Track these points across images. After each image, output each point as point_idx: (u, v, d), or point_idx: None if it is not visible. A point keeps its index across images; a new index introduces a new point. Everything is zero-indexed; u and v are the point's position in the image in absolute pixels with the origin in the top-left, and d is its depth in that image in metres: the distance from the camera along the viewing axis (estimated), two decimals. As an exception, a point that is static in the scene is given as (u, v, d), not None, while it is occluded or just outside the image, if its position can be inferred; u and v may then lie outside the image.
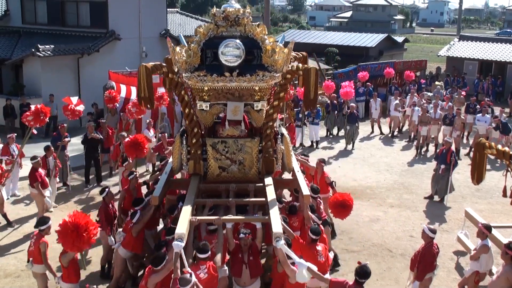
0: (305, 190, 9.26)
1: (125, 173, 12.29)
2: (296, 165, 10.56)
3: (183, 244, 7.01)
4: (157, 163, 13.91)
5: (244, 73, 9.02)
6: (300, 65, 9.58)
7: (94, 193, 14.93)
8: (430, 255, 8.74)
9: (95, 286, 7.54)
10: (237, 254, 8.02)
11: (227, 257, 8.34)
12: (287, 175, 11.30)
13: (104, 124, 16.23)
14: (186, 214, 7.90)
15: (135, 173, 11.37)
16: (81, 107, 14.09)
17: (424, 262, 8.76)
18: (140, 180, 11.72)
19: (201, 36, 9.19)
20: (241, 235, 8.01)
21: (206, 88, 9.10)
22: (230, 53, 8.97)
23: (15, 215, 13.18)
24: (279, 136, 9.91)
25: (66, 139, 14.97)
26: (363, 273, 7.11)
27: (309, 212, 9.28)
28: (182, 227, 7.41)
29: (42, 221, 8.94)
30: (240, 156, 9.51)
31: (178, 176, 11.13)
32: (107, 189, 10.46)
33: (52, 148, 13.70)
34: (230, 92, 9.24)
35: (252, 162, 9.58)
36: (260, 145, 9.66)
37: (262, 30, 9.37)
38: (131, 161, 12.83)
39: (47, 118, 13.33)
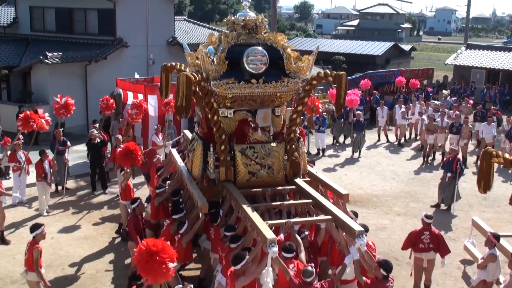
0: (342, 190, 9.50)
1: (122, 183, 12.11)
2: (311, 168, 10.74)
3: (277, 249, 7.20)
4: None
5: (269, 80, 9.34)
6: (328, 71, 9.76)
7: (100, 200, 14.99)
8: (415, 235, 9.78)
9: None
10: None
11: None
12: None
13: (99, 129, 16.33)
14: (258, 219, 8.01)
15: (165, 187, 10.96)
16: (71, 100, 14.56)
17: (407, 237, 10.00)
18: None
19: (226, 44, 9.45)
20: (304, 235, 8.48)
21: (230, 95, 9.34)
22: (256, 60, 9.33)
23: (21, 221, 13.26)
24: (301, 139, 10.21)
25: (68, 143, 15.36)
26: (388, 267, 7.48)
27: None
28: (269, 232, 7.49)
29: (35, 226, 8.73)
30: (269, 161, 9.68)
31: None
32: (138, 200, 10.39)
33: (47, 152, 14.03)
34: (253, 99, 9.55)
35: (280, 166, 9.77)
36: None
37: (283, 38, 9.79)
38: (128, 170, 12.49)
39: (36, 125, 13.50)
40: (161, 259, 6.40)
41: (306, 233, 8.69)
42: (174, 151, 12.29)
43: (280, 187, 9.64)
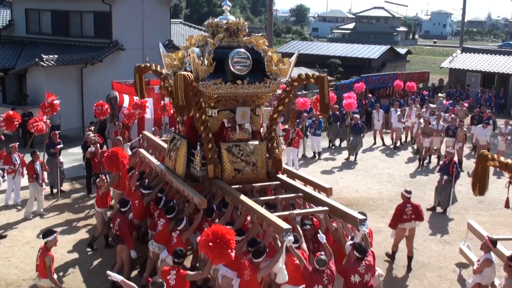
0: (325, 184, 10.26)
1: (100, 190, 11.96)
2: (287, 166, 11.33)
3: (292, 238, 7.74)
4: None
5: (252, 81, 9.88)
6: (311, 73, 10.23)
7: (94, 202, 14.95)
8: (401, 208, 11.14)
9: None
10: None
11: None
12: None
13: (94, 132, 16.33)
14: (266, 212, 8.58)
15: (152, 187, 11.08)
16: (57, 101, 14.75)
17: (395, 213, 11.25)
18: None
19: (212, 46, 9.87)
20: (307, 226, 8.93)
21: (215, 95, 9.79)
22: (241, 62, 9.84)
23: (15, 224, 13.21)
24: (280, 138, 10.80)
25: (58, 146, 15.31)
26: (362, 250, 8.14)
27: None
28: (283, 223, 8.01)
29: (48, 232, 8.79)
30: (253, 158, 10.14)
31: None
32: (129, 204, 10.48)
33: (38, 154, 13.99)
34: (236, 99, 10.05)
35: (263, 163, 10.26)
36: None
37: (265, 41, 10.23)
38: (103, 177, 12.40)
39: (18, 123, 13.87)
40: (225, 242, 7.20)
41: (308, 226, 9.00)
42: (144, 152, 12.58)
43: (267, 183, 10.11)
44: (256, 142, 10.30)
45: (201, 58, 9.78)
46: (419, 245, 12.43)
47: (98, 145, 14.84)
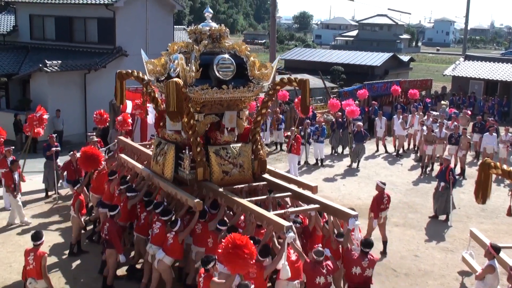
0: (310, 183, 10.64)
1: (75, 204, 11.81)
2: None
3: (293, 235, 8.05)
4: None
5: (237, 85, 10.19)
6: (293, 77, 10.64)
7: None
8: (379, 199, 12.01)
9: None
10: None
11: None
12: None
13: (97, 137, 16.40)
14: (264, 211, 8.89)
15: (137, 190, 11.31)
16: (45, 116, 14.87)
17: (375, 204, 12.02)
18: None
19: (197, 52, 10.11)
20: (297, 224, 9.20)
21: (201, 100, 10.05)
22: (225, 68, 10.11)
23: (16, 228, 13.22)
24: (264, 140, 10.87)
25: (54, 149, 15.30)
26: (367, 244, 8.66)
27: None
28: (282, 220, 8.39)
29: (37, 236, 8.85)
30: (240, 160, 10.42)
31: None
32: (118, 208, 10.47)
33: (19, 163, 13.87)
34: (220, 103, 10.36)
35: (249, 164, 10.56)
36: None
37: (247, 47, 10.76)
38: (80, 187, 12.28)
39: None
40: (243, 253, 7.12)
41: (297, 225, 9.27)
42: (125, 156, 12.74)
43: (255, 183, 10.39)
44: (242, 144, 10.57)
45: (189, 64, 9.98)
46: (421, 252, 12.40)
47: (75, 151, 14.74)
